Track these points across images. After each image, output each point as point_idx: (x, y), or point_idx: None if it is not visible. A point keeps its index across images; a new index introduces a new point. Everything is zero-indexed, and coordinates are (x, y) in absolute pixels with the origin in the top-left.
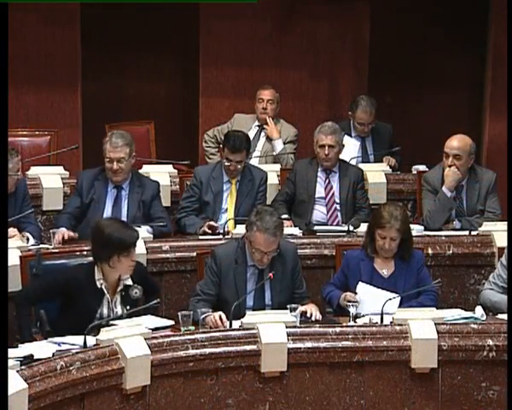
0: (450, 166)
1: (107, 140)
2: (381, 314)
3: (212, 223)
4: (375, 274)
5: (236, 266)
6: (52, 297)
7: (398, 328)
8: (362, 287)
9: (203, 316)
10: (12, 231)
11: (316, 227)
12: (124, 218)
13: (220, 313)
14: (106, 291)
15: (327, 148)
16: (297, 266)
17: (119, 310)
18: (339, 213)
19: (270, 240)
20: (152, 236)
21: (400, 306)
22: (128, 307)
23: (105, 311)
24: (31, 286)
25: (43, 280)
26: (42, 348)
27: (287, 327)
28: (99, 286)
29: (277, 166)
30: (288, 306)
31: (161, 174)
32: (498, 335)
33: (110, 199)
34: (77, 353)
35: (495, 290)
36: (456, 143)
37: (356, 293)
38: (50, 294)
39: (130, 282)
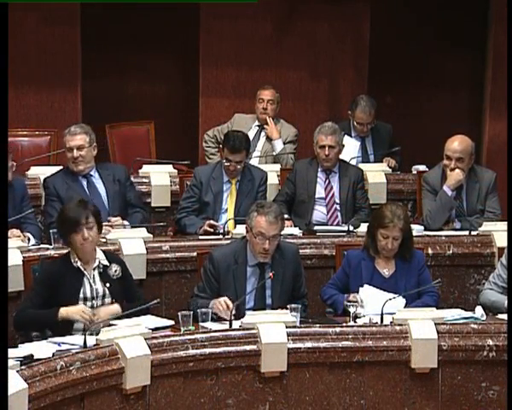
0: (452, 170)
1: (65, 132)
2: (381, 314)
3: (212, 222)
4: (376, 274)
5: (236, 266)
6: (48, 299)
7: (398, 328)
8: (365, 289)
9: (210, 305)
10: (16, 232)
11: (316, 227)
12: (104, 197)
13: (225, 298)
14: (83, 269)
15: (327, 148)
16: (299, 268)
17: (99, 287)
18: (339, 214)
19: (271, 222)
20: (151, 236)
21: (405, 306)
22: (108, 286)
23: (87, 289)
24: (26, 304)
25: (33, 292)
26: (42, 348)
27: (287, 327)
28: (76, 266)
29: (277, 166)
30: (288, 306)
31: (161, 174)
32: (498, 335)
33: (84, 187)
34: (77, 353)
35: (495, 290)
36: (458, 145)
37: (357, 292)
38: (45, 297)
39: (106, 262)
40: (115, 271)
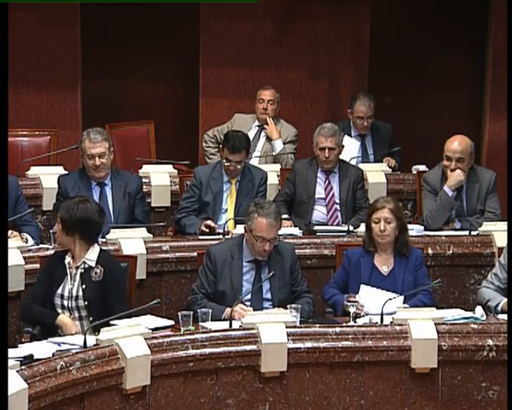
0: (453, 171)
1: (84, 138)
2: (381, 314)
3: (209, 222)
4: (375, 271)
5: (232, 261)
6: (48, 288)
7: (398, 328)
8: (364, 289)
9: (224, 315)
10: (14, 233)
11: (316, 227)
12: (110, 211)
13: (240, 305)
14: (68, 266)
15: (327, 150)
16: (295, 264)
17: (74, 288)
18: (339, 214)
19: (271, 224)
20: (151, 236)
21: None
22: (84, 287)
23: (66, 287)
24: (31, 295)
25: (37, 281)
26: (42, 348)
27: (287, 327)
28: (65, 262)
29: (277, 166)
30: (289, 306)
31: (161, 174)
32: (498, 335)
33: (96, 197)
34: (77, 353)
35: (491, 289)
36: (458, 145)
37: (357, 290)
38: (46, 285)
39: (93, 264)
40: (95, 273)
